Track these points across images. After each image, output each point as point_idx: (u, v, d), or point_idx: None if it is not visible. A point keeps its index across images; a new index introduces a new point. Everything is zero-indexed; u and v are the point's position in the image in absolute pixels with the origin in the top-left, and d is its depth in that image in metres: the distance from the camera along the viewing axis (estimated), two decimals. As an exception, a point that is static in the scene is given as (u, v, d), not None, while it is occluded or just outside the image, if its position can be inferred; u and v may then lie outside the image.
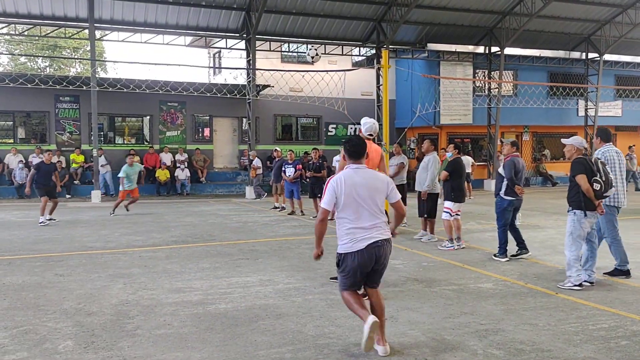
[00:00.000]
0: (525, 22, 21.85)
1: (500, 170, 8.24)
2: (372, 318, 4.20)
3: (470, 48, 24.20)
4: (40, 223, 12.09)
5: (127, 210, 14.44)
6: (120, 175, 14.46)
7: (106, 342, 4.59)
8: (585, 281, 6.36)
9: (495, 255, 8.11)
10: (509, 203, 8.05)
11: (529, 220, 12.08)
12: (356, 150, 4.55)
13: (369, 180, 4.49)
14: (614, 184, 6.46)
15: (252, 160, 19.28)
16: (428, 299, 5.90)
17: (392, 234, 4.70)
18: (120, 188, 14.53)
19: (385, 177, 4.73)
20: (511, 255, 8.11)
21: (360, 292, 4.63)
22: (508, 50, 23.49)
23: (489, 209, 15.02)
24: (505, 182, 8.03)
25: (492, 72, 23.83)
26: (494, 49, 23.53)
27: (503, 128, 23.87)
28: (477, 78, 24.05)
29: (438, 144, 23.08)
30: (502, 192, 8.07)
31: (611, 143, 7.11)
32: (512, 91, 24.47)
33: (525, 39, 23.80)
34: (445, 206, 9.08)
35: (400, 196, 4.68)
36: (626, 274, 6.90)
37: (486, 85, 23.97)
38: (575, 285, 6.25)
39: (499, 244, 8.10)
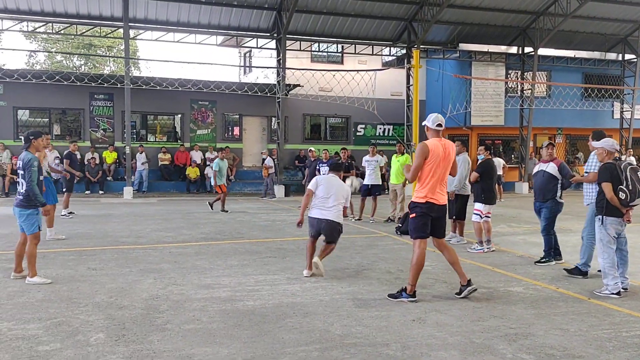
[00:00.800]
0: (560, 23, 21.45)
1: (553, 171, 7.98)
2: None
3: (502, 48, 23.89)
4: (63, 215, 12.58)
5: (212, 208, 14.48)
6: (214, 168, 14.71)
7: (136, 335, 4.67)
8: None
9: (539, 262, 7.88)
10: (563, 207, 7.93)
11: (561, 224, 11.83)
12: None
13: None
14: None
15: (265, 158, 19.26)
16: (457, 302, 5.84)
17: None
18: (213, 183, 15.07)
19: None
20: (535, 262, 7.98)
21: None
22: (542, 51, 23.11)
23: (520, 211, 14.81)
24: (559, 185, 7.82)
25: (525, 73, 23.46)
26: (527, 49, 23.17)
27: (536, 130, 23.49)
28: (510, 79, 23.70)
29: (469, 145, 22.85)
30: (558, 196, 7.89)
31: None
32: (545, 92, 24.05)
33: (559, 40, 23.37)
34: (476, 208, 8.97)
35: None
36: (584, 274, 7.03)
37: (519, 86, 23.60)
38: (613, 294, 6.11)
39: (545, 248, 7.87)
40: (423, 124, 6.45)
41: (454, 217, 9.85)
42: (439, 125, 6.12)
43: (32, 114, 20.74)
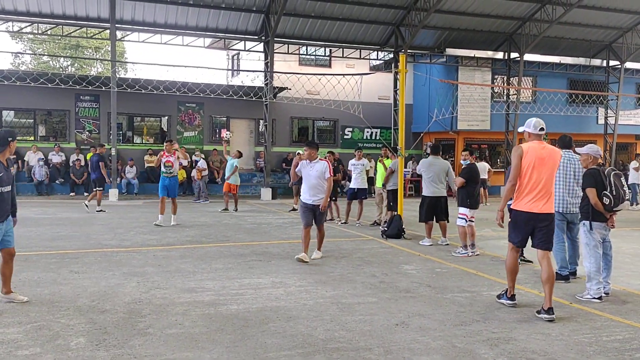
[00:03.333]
0: (546, 29, 21.68)
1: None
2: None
3: (489, 54, 24.07)
4: (99, 210, 14.15)
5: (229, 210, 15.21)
6: (236, 164, 15.20)
7: (118, 340, 4.63)
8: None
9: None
10: None
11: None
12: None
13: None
14: (560, 190, 6.94)
15: (198, 161, 18.82)
16: (440, 306, 5.86)
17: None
18: (232, 181, 15.36)
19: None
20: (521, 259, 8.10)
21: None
22: (527, 57, 23.34)
23: (505, 216, 14.87)
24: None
25: (511, 78, 23.67)
26: (514, 55, 23.39)
27: (521, 135, 23.61)
28: (496, 84, 23.89)
29: (455, 149, 22.97)
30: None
31: (570, 150, 7.28)
32: (531, 97, 24.27)
33: (545, 46, 23.62)
34: (461, 212, 9.03)
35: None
36: (565, 278, 7.10)
37: (505, 91, 23.80)
38: (595, 298, 6.17)
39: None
40: (521, 129, 6.31)
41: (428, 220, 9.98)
42: (542, 129, 5.97)
43: (17, 114, 20.55)
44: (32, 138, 20.33)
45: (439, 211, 9.96)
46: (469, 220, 8.95)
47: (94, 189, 14.61)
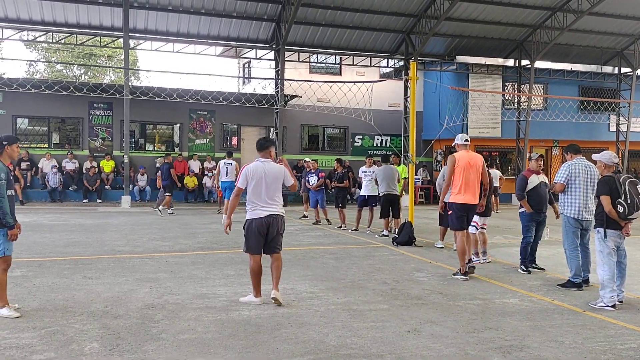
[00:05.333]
0: (557, 36, 21.62)
1: (546, 181, 8.42)
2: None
3: (500, 61, 24.03)
4: (170, 213, 15.65)
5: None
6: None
7: (131, 345, 4.67)
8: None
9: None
10: None
11: (557, 236, 11.86)
12: (262, 145, 6.26)
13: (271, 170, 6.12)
14: (577, 197, 7.02)
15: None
16: (452, 313, 5.85)
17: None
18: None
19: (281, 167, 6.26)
20: (525, 267, 8.14)
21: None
22: (538, 64, 23.27)
23: (516, 223, 14.83)
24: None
25: (522, 86, 23.61)
26: (524, 62, 23.35)
27: (532, 142, 23.58)
28: (507, 91, 23.83)
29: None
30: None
31: (581, 156, 7.30)
32: (542, 105, 24.17)
33: (556, 53, 23.56)
34: (473, 220, 8.99)
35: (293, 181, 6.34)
36: (578, 286, 7.06)
37: (516, 98, 23.73)
38: (608, 306, 6.12)
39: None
40: (453, 143, 8.39)
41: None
42: (467, 140, 8.18)
43: (32, 122, 20.78)
44: (46, 145, 20.54)
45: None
46: (481, 228, 8.93)
47: (164, 194, 16.10)
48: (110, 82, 34.71)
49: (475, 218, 8.93)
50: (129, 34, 19.11)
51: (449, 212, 7.92)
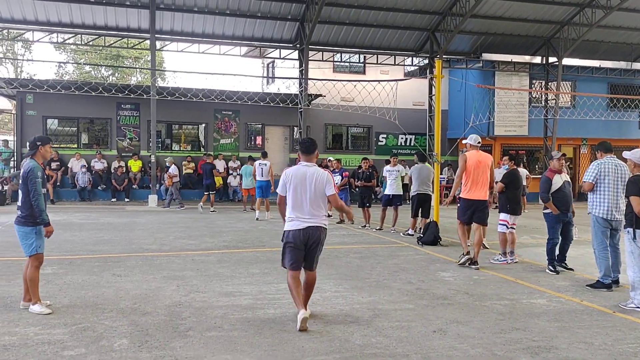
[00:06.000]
0: (585, 32, 21.24)
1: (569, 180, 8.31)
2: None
3: (526, 58, 23.70)
4: (212, 211, 16.49)
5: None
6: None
7: (159, 341, 4.75)
8: None
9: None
10: None
11: (586, 235, 11.66)
12: (307, 147, 5.50)
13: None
14: (606, 197, 6.89)
15: (169, 167, 18.35)
16: (478, 313, 5.80)
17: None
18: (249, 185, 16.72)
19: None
20: (553, 267, 8.03)
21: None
22: (566, 61, 22.87)
23: (544, 223, 14.64)
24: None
25: (549, 83, 23.23)
26: (552, 59, 22.97)
27: (560, 140, 23.20)
28: (534, 89, 23.48)
29: (492, 155, 22.61)
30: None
31: (612, 154, 7.18)
32: (570, 102, 23.76)
33: (584, 50, 23.13)
34: (502, 219, 8.91)
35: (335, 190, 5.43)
36: (608, 287, 6.93)
37: (543, 96, 23.37)
38: (639, 307, 6.01)
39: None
40: (465, 141, 8.90)
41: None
42: (479, 142, 8.77)
43: (61, 123, 21.20)
44: (75, 146, 20.93)
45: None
46: (510, 227, 8.84)
47: (206, 193, 16.97)
48: (137, 83, 35.25)
49: (506, 217, 8.85)
50: (156, 35, 19.36)
51: (458, 206, 8.75)
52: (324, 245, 5.55)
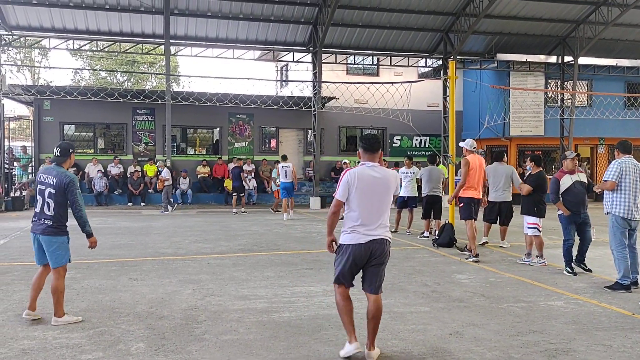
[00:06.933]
0: (601, 31, 21.01)
1: (585, 180, 8.20)
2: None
3: (541, 58, 23.50)
4: (243, 212, 17.34)
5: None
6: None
7: (176, 345, 4.78)
8: None
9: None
10: None
11: (603, 236, 11.52)
12: (371, 144, 4.61)
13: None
14: (626, 196, 6.78)
15: (161, 171, 18.15)
16: (495, 316, 5.76)
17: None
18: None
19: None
20: (571, 269, 7.96)
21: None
22: (582, 60, 22.64)
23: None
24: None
25: (565, 83, 23.01)
26: (567, 58, 22.75)
27: (577, 140, 22.95)
28: (549, 89, 23.26)
29: (508, 156, 22.45)
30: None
31: (631, 155, 7.08)
32: (586, 102, 23.50)
33: (600, 48, 22.88)
34: (531, 222, 8.80)
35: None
36: (627, 288, 6.83)
37: (559, 96, 23.14)
38: None
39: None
40: (461, 144, 9.59)
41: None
42: (474, 147, 9.53)
43: (78, 128, 21.46)
44: (92, 151, 21.19)
45: (502, 215, 10.60)
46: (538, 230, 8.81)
47: (233, 194, 17.76)
48: (152, 88, 35.55)
49: (536, 220, 8.77)
50: (170, 41, 19.54)
51: (461, 205, 9.40)
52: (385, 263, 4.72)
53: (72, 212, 5.47)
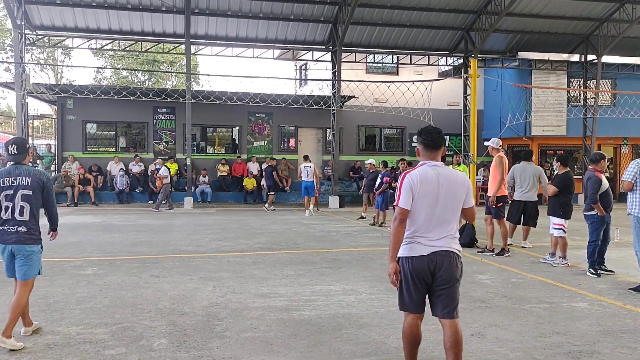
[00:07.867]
0: (625, 29, 20.65)
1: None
2: None
3: (564, 56, 23.16)
4: (271, 210, 17.70)
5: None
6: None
7: (197, 342, 4.81)
8: None
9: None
10: None
11: (627, 237, 11.33)
12: (433, 139, 3.95)
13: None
14: None
15: (159, 169, 18.06)
16: (517, 317, 5.69)
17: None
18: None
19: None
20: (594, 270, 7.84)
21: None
22: (606, 58, 22.26)
23: (582, 224, 14.31)
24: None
25: (588, 81, 22.66)
26: (591, 57, 22.40)
27: (600, 140, 22.60)
28: (572, 87, 22.93)
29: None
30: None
31: None
32: (610, 101, 23.11)
33: (624, 46, 22.47)
34: (557, 223, 8.70)
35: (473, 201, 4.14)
36: None
37: (582, 95, 22.80)
38: None
39: None
40: (487, 143, 9.78)
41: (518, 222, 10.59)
42: (500, 145, 9.73)
43: (100, 127, 21.72)
44: (113, 149, 21.43)
45: (527, 215, 10.37)
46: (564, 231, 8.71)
47: (268, 193, 18.30)
48: (173, 87, 35.87)
49: (562, 221, 8.67)
50: (191, 40, 19.66)
51: (499, 205, 9.63)
52: (457, 278, 3.95)
53: (47, 210, 5.07)
